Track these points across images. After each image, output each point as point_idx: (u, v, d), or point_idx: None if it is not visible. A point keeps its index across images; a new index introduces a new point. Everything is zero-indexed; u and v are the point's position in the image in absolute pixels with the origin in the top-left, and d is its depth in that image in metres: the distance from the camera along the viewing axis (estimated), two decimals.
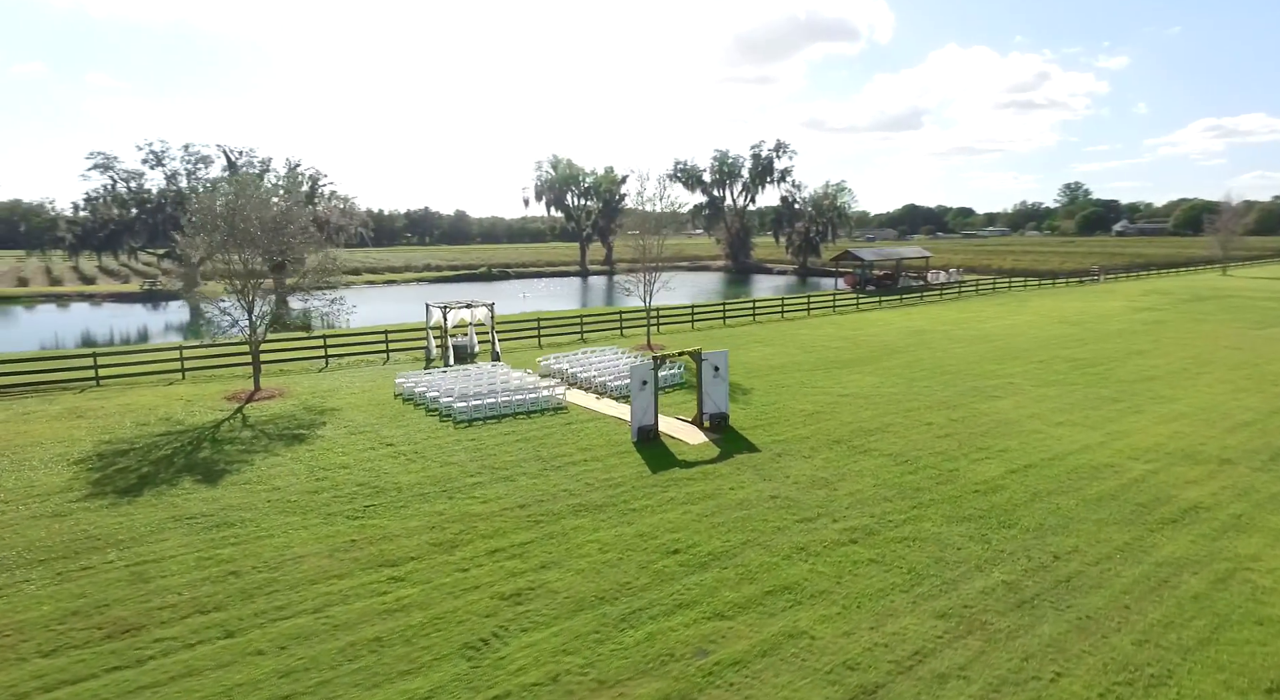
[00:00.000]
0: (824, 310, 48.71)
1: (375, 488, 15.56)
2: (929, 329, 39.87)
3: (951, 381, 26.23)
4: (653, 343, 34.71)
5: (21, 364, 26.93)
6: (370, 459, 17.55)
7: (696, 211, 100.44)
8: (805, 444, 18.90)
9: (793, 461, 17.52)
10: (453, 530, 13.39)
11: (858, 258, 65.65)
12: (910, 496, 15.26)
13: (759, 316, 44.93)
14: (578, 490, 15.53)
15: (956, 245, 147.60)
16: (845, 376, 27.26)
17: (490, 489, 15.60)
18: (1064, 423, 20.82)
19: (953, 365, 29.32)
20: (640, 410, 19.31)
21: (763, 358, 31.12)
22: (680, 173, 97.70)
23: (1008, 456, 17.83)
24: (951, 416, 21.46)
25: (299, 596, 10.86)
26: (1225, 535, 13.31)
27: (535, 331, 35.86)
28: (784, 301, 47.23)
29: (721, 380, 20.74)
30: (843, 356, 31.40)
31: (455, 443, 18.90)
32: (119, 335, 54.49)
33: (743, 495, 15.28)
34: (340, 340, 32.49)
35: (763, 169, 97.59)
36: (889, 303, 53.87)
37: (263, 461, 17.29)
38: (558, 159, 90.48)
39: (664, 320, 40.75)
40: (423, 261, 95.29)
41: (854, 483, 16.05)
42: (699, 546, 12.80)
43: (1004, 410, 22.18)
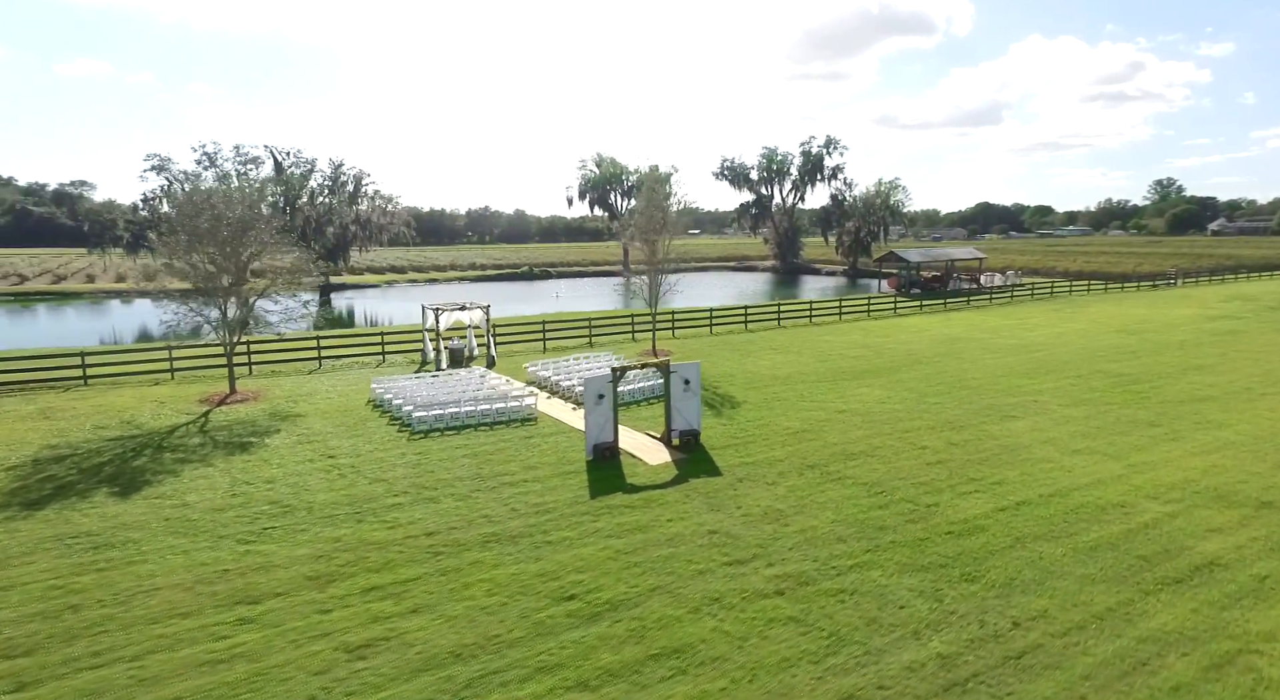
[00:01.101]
0: (857, 315, 46.15)
1: (286, 507, 14.56)
2: (965, 337, 37.05)
3: (968, 397, 23.83)
4: (660, 349, 33.13)
5: (17, 361, 27.25)
6: (301, 473, 16.60)
7: (743, 210, 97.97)
8: (775, 468, 17.08)
9: (752, 489, 15.75)
10: (339, 561, 12.21)
11: (903, 259, 62.39)
12: (869, 536, 13.34)
13: (784, 321, 42.78)
14: (499, 517, 14.18)
15: (1028, 245, 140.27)
16: (852, 389, 25.14)
17: (407, 511, 14.40)
18: (1081, 450, 18.37)
19: (976, 378, 26.79)
20: (596, 427, 17.82)
21: (770, 366, 29.18)
22: (727, 171, 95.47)
23: (1001, 490, 15.63)
24: (952, 439, 19.24)
25: (126, 640, 9.82)
26: (1238, 603, 10.99)
27: (540, 334, 34.73)
28: (812, 305, 44.89)
29: (693, 394, 19.07)
30: (858, 366, 29.18)
31: (400, 456, 17.82)
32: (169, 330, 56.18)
33: (678, 529, 13.64)
34: (335, 341, 32.03)
35: (812, 166, 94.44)
36: (931, 307, 50.78)
37: (191, 473, 16.54)
38: (601, 157, 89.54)
39: (680, 324, 39.11)
40: (469, 260, 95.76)
41: (811, 517, 14.21)
42: (599, 592, 11.26)
43: (1016, 433, 19.80)
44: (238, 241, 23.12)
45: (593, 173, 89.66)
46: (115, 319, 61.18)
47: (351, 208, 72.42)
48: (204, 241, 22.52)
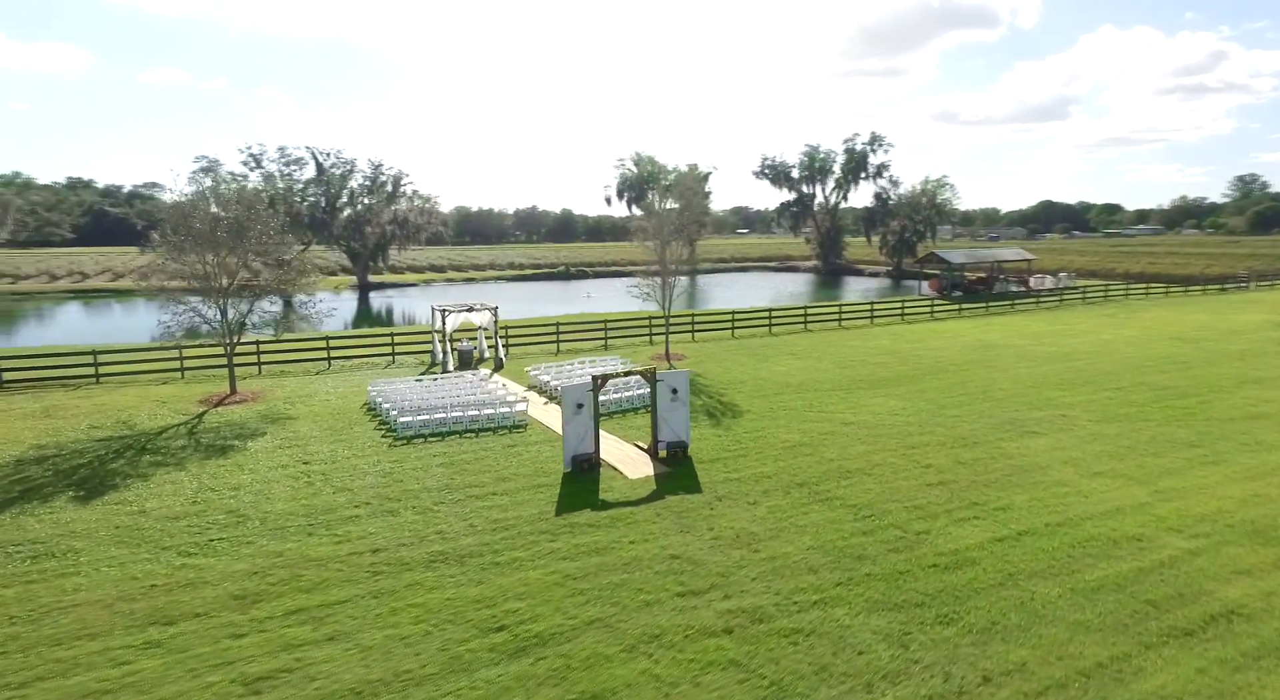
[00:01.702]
0: (890, 318, 44.33)
1: (241, 516, 14.14)
2: (1001, 343, 35.08)
3: (990, 410, 22.26)
4: (675, 352, 32.16)
5: (34, 359, 27.79)
6: (269, 480, 16.22)
7: (783, 209, 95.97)
8: (760, 486, 16.01)
9: (731, 509, 14.73)
10: (273, 578, 11.67)
11: (944, 260, 59.94)
12: (844, 567, 12.21)
13: (812, 324, 41.29)
14: (454, 533, 13.49)
15: (1091, 245, 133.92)
16: (866, 399, 23.78)
17: (363, 524, 13.82)
18: (1104, 473, 16.78)
19: (1004, 390, 25.11)
20: (575, 437, 17.02)
21: (785, 373, 27.94)
22: (767, 169, 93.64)
23: (1003, 517, 14.27)
24: (961, 457, 17.83)
25: (21, 663, 9.40)
26: (1257, 664, 9.56)
27: (554, 336, 34.11)
28: (841, 309, 43.26)
29: (681, 404, 18.12)
30: (879, 374, 27.72)
31: (374, 464, 17.31)
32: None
33: (638, 553, 12.73)
34: (344, 342, 31.97)
35: (856, 164, 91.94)
36: (972, 311, 48.54)
37: (161, 477, 16.32)
38: (640, 156, 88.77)
39: (701, 327, 38.06)
40: (509, 259, 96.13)
41: (786, 543, 13.13)
42: (533, 623, 10.44)
43: (1035, 452, 18.27)
44: (234, 243, 23.00)
45: (631, 171, 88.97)
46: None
47: (390, 208, 73.19)
48: (199, 243, 22.44)
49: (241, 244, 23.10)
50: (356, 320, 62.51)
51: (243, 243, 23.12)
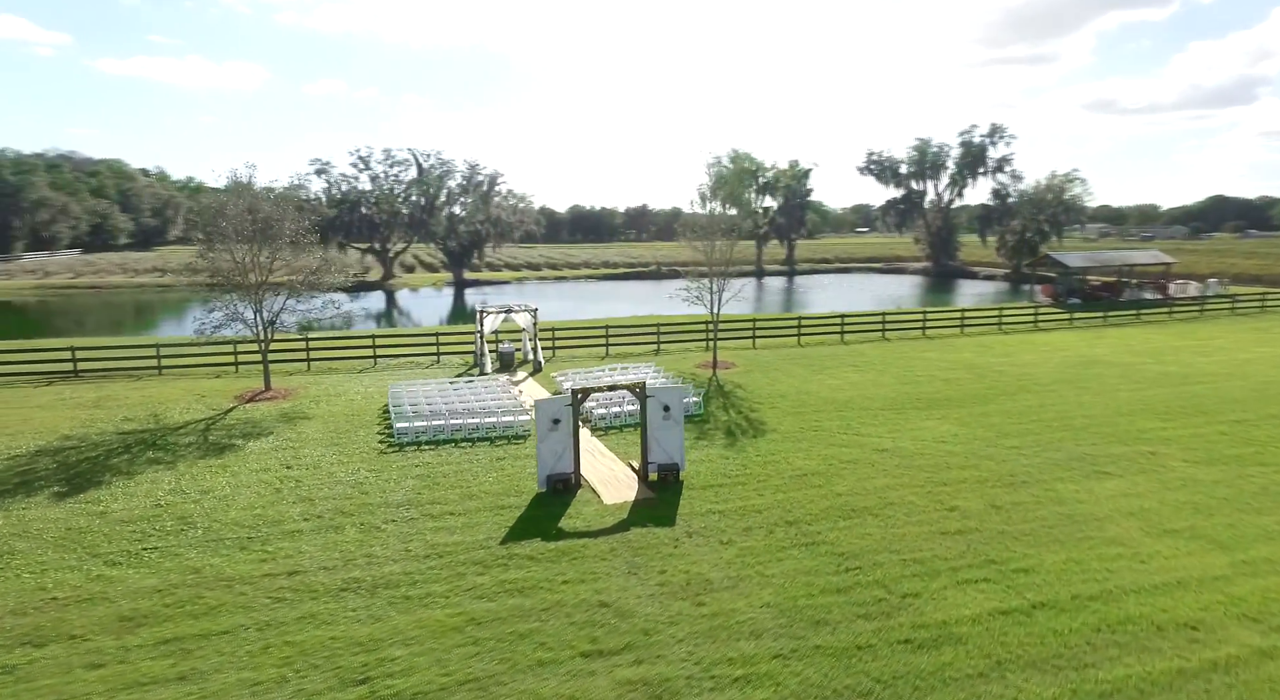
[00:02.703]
0: (985, 327, 40.21)
1: (188, 524, 13.83)
2: (1108, 360, 30.78)
3: (1060, 441, 19.14)
4: (724, 360, 30.26)
5: (110, 350, 29.55)
6: (241, 485, 15.96)
7: (889, 207, 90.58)
8: (744, 521, 14.15)
9: (697, 548, 13.01)
10: (173, 599, 11.11)
11: (1060, 263, 54.12)
12: (795, 634, 10.28)
13: (891, 332, 38.00)
14: (384, 558, 12.55)
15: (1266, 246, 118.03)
16: (915, 422, 21.13)
17: (300, 541, 13.16)
18: (1179, 531, 13.72)
19: (1088, 417, 21.67)
20: (551, 455, 15.75)
21: (836, 388, 25.49)
22: (873, 165, 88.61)
23: (1021, 582, 11.76)
24: (999, 500, 15.16)
25: None
26: None
27: (604, 340, 33.00)
28: (926, 315, 39.57)
29: (674, 423, 16.47)
30: (944, 392, 24.74)
31: (351, 473, 16.76)
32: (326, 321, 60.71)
33: (566, 596, 11.30)
34: (390, 340, 32.18)
35: (973, 159, 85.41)
36: (1085, 321, 43.34)
37: (144, 476, 16.42)
38: (736, 153, 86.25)
39: (764, 333, 35.81)
40: (603, 258, 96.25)
41: (740, 596, 11.31)
42: (403, 677, 9.26)
43: (1096, 498, 15.30)
44: (261, 240, 23.26)
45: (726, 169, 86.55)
46: None
47: (484, 207, 74.73)
48: (228, 239, 22.87)
49: (269, 242, 23.33)
50: (451, 317, 64.16)
51: (270, 240, 23.35)
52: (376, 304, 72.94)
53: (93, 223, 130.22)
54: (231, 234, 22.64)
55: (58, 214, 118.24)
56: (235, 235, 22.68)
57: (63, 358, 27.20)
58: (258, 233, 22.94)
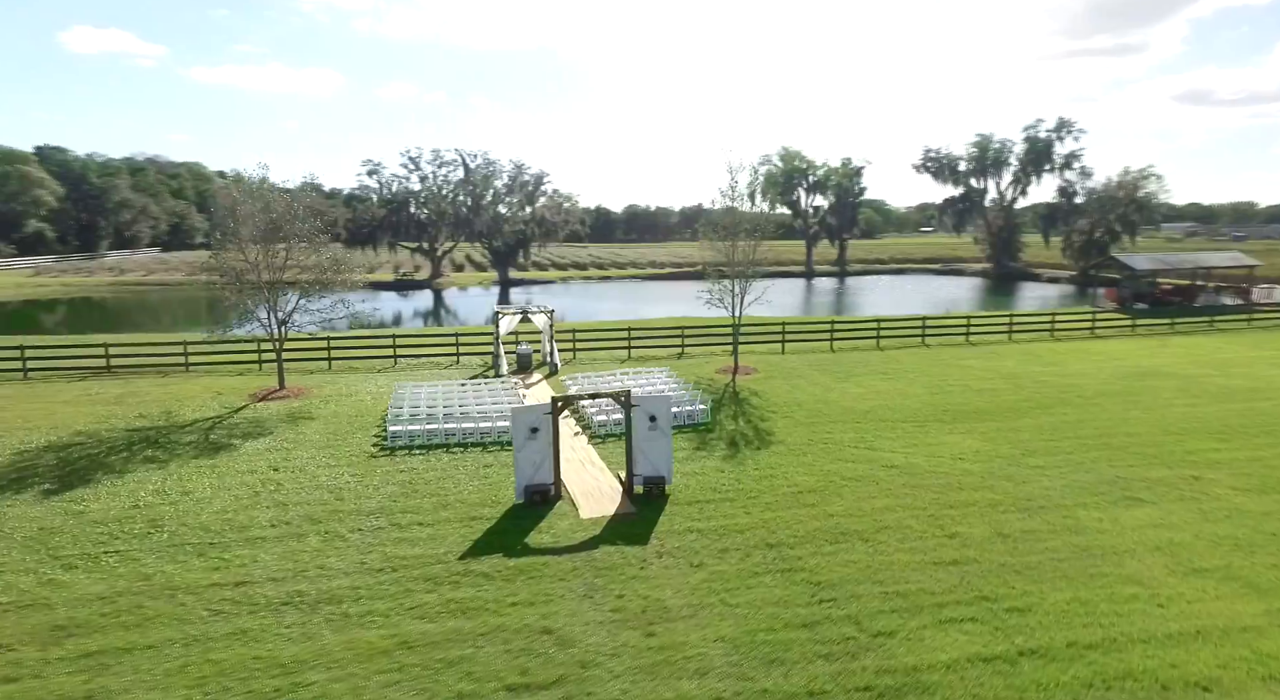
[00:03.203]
0: (1036, 333, 37.91)
1: (156, 527, 13.73)
2: (1167, 372, 28.50)
3: (1093, 462, 17.57)
4: (745, 365, 29.21)
5: (142, 346, 30.35)
6: (223, 487, 15.87)
7: (946, 206, 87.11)
8: (722, 542, 13.27)
9: (664, 571, 12.22)
10: (112, 608, 10.90)
11: (1125, 265, 50.82)
12: (744, 674, 9.40)
13: (932, 338, 36.15)
14: (337, 570, 12.16)
15: None
16: (936, 436, 19.78)
17: (259, 549, 12.89)
18: (1210, 570, 12.24)
19: (1131, 434, 19.93)
20: (529, 466, 15.16)
21: (858, 397, 24.19)
22: (930, 162, 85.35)
23: (1013, 624, 10.57)
24: (1009, 526, 13.86)
25: None
26: None
27: (626, 342, 32.33)
28: (970, 321, 37.48)
29: (661, 434, 15.68)
30: (974, 405, 23.19)
31: (334, 477, 16.51)
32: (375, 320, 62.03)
33: (510, 620, 10.67)
34: (411, 340, 32.18)
35: (1038, 155, 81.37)
36: (1149, 328, 40.46)
37: (134, 476, 16.48)
38: (787, 150, 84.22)
39: (794, 337, 34.50)
40: (650, 258, 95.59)
41: (696, 628, 10.48)
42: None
43: (1121, 528, 13.85)
44: (273, 240, 23.38)
45: (776, 167, 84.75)
46: None
47: (528, 207, 75.04)
48: (239, 239, 23.06)
49: (280, 241, 23.43)
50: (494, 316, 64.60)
51: (281, 240, 23.44)
52: (424, 302, 73.97)
53: (171, 222, 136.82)
54: (243, 234, 22.82)
55: (138, 215, 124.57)
56: (246, 235, 22.86)
57: (96, 354, 28.05)
58: (269, 232, 23.06)
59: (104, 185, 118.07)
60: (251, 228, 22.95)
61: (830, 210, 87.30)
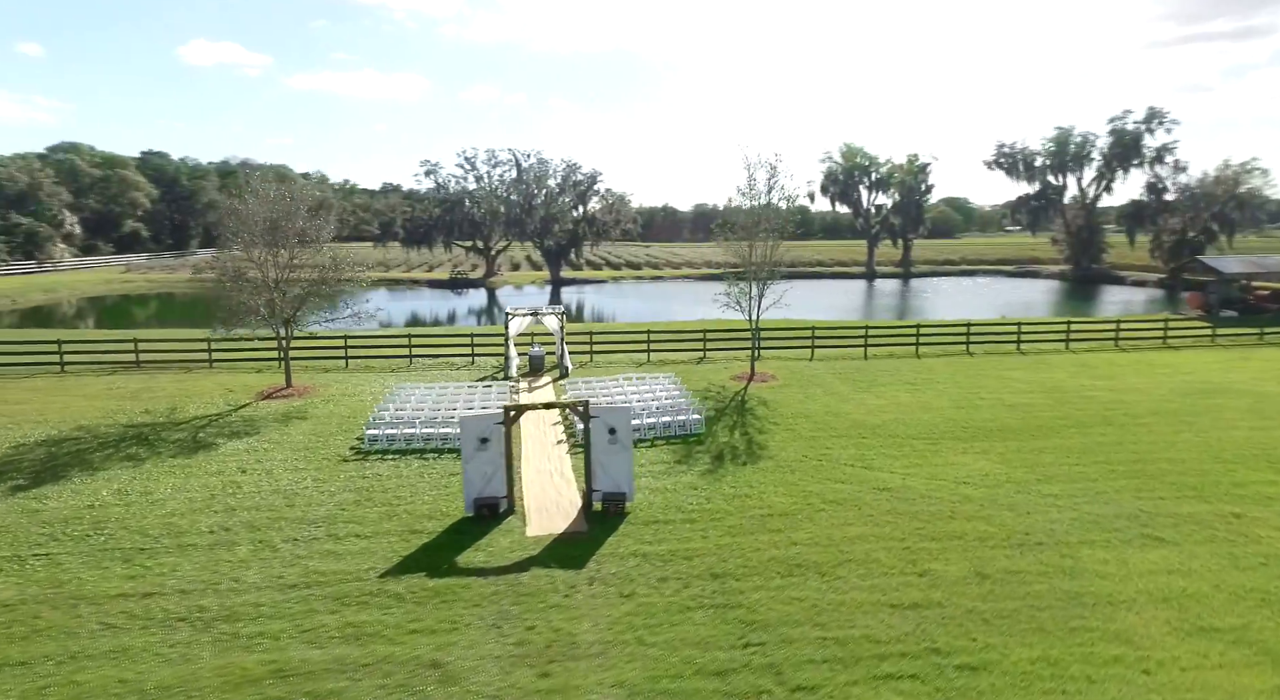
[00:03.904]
0: (1096, 342, 34.87)
1: (98, 529, 13.65)
2: (1241, 389, 25.58)
3: (1117, 492, 15.63)
4: (763, 372, 27.81)
5: (171, 342, 31.21)
6: (184, 489, 15.77)
7: (1020, 204, 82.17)
8: (663, 570, 12.23)
9: (590, 599, 11.28)
10: (11, 617, 10.72)
11: (1212, 268, 46.45)
12: None
13: (980, 345, 33.69)
14: (252, 584, 11.72)
15: None
16: (946, 456, 18.10)
17: (183, 557, 12.60)
18: (1219, 631, 10.45)
19: (1172, 461, 17.76)
20: (479, 478, 14.46)
21: (874, 409, 22.54)
22: (1003, 158, 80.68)
23: (960, 686, 9.17)
24: (992, 565, 12.28)
25: None
26: None
27: (645, 345, 31.37)
28: (1021, 327, 34.69)
29: (622, 448, 14.72)
30: (1001, 421, 21.23)
31: (295, 482, 16.22)
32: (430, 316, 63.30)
33: (402, 651, 9.95)
34: (428, 340, 32.05)
35: (1125, 148, 75.79)
36: (1233, 338, 36.70)
37: (109, 473, 16.60)
38: (849, 147, 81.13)
39: (824, 342, 32.78)
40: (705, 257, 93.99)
41: (598, 670, 9.52)
42: None
43: (1127, 572, 12.10)
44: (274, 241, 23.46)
45: (837, 164, 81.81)
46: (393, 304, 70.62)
47: (580, 207, 74.84)
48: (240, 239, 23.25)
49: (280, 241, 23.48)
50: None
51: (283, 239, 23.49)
52: (479, 301, 74.80)
53: None
54: (244, 234, 23.01)
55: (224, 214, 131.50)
56: (249, 236, 23.03)
57: (127, 349, 29.02)
58: (269, 231, 23.16)
59: (193, 187, 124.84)
60: (252, 227, 23.09)
61: (894, 209, 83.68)
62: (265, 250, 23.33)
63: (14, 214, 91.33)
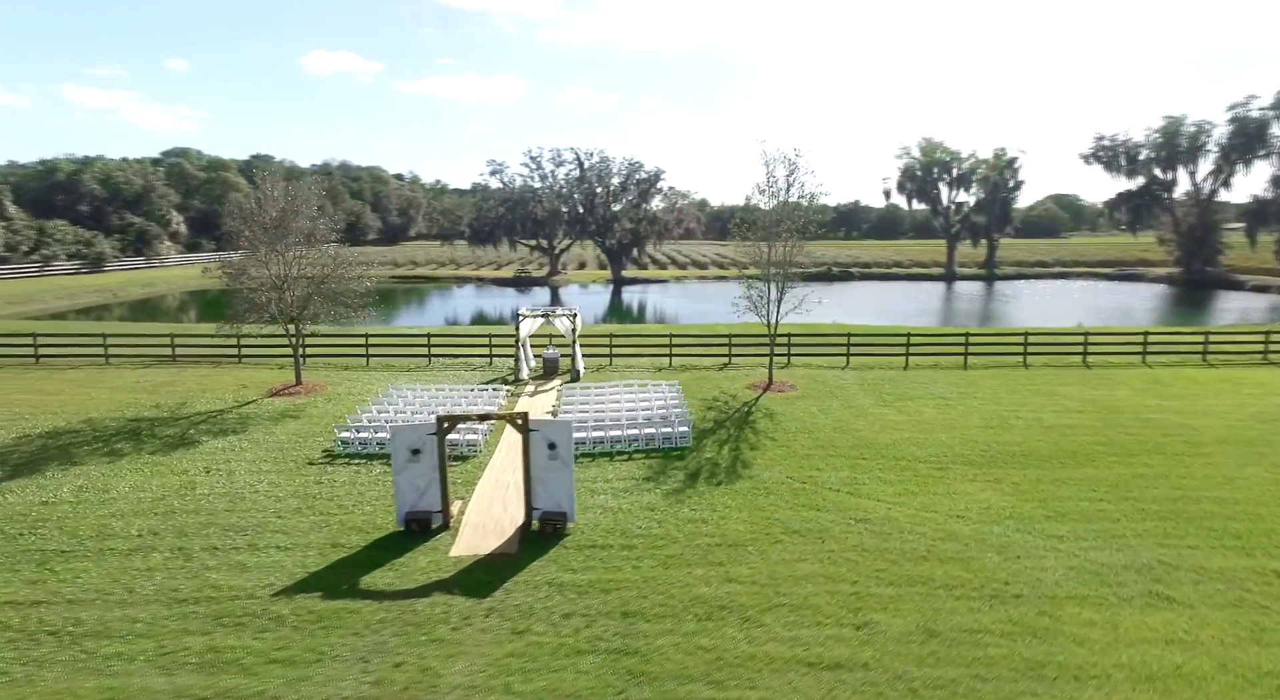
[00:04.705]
0: (1180, 356, 31.14)
1: (36, 529, 13.67)
2: None
3: (1137, 537, 13.43)
4: (783, 381, 26.10)
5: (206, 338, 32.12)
6: (140, 488, 15.77)
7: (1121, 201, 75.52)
8: (572, 604, 11.14)
9: (478, 635, 10.33)
10: None
11: None
12: None
13: (1037, 356, 30.61)
14: (143, 596, 11.36)
15: None
16: (951, 484, 16.18)
17: (99, 561, 12.42)
18: None
19: (1221, 500, 15.26)
20: (411, 490, 13.75)
21: (889, 426, 20.61)
22: (1102, 151, 74.38)
23: None
24: (949, 621, 10.54)
25: None
26: None
27: (667, 349, 30.12)
28: (1087, 338, 31.28)
29: (562, 466, 13.69)
30: (1028, 445, 18.94)
31: (250, 486, 15.97)
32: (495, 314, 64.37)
33: (245, 685, 9.28)
34: (447, 339, 31.81)
35: (1249, 138, 68.51)
36: None
37: (80, 470, 16.81)
38: (929, 141, 76.61)
39: (860, 349, 30.57)
40: None
41: None
42: None
43: (1113, 640, 10.15)
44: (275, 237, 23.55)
45: (915, 160, 77.46)
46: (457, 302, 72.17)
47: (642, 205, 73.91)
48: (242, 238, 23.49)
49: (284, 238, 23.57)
50: (607, 315, 64.40)
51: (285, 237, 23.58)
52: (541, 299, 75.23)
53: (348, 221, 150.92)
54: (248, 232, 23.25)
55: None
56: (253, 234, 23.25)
57: (164, 344, 30.14)
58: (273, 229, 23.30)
59: None
60: (255, 226, 23.31)
61: (976, 207, 78.55)
62: (268, 248, 23.49)
63: (129, 214, 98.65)
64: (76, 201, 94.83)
